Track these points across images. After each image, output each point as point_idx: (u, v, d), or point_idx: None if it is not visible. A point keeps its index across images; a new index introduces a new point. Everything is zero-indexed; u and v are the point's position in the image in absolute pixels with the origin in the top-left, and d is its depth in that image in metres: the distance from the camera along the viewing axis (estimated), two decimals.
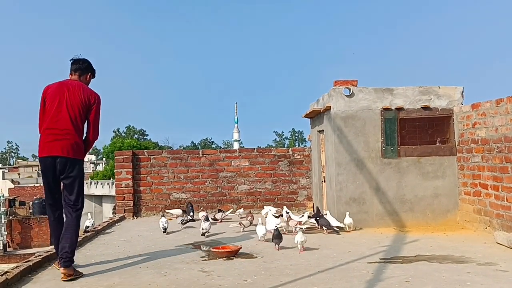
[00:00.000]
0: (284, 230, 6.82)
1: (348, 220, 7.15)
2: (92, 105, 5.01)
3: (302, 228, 6.24)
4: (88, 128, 5.08)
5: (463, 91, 7.69)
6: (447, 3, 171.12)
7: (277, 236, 5.91)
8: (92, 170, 69.92)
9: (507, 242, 5.75)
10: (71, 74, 5.19)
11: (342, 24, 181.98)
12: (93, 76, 5.33)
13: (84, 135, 5.10)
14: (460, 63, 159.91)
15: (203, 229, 6.99)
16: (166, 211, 9.17)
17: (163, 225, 7.44)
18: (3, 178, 58.60)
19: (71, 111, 4.89)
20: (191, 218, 8.19)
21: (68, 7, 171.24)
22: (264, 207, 8.82)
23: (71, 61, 5.21)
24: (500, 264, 4.99)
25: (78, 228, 5.05)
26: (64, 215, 5.02)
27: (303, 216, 7.46)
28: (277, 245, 5.89)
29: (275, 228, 6.06)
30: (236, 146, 60.70)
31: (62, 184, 5.03)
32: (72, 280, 4.74)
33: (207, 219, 7.15)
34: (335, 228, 6.97)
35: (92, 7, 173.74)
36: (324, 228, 6.99)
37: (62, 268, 4.76)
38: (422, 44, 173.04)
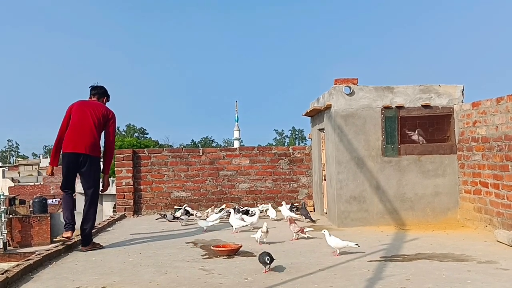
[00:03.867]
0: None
1: None
2: (110, 119, 6.29)
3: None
4: (108, 136, 6.29)
5: (463, 90, 7.69)
6: (448, 1, 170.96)
7: (264, 257, 4.75)
8: None
9: (508, 240, 5.75)
10: (90, 97, 6.44)
11: (342, 22, 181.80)
12: (108, 100, 6.55)
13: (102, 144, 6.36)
14: (461, 62, 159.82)
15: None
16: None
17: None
18: (3, 177, 58.54)
19: (95, 119, 6.13)
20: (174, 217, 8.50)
21: (68, 7, 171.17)
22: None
23: (90, 87, 6.46)
24: (501, 262, 4.99)
25: (96, 213, 6.26)
26: (84, 202, 6.21)
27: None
28: (267, 267, 4.78)
29: (265, 253, 4.79)
30: (236, 144, 60.56)
31: (80, 174, 6.15)
32: (92, 250, 6.05)
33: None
34: (312, 218, 7.89)
35: (93, 6, 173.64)
36: (304, 218, 7.90)
37: (81, 246, 6.15)
38: (423, 43, 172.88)
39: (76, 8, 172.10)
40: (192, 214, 8.44)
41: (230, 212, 7.58)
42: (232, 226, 7.21)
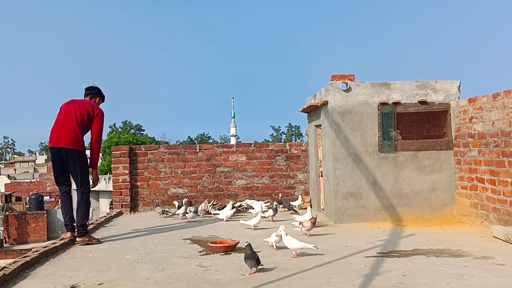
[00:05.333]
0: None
1: None
2: (95, 116, 6.40)
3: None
4: (92, 132, 6.41)
5: (460, 86, 7.69)
6: None
7: (250, 256, 4.59)
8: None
9: (504, 236, 5.77)
10: (84, 98, 6.63)
11: (339, 19, 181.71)
12: (102, 101, 6.76)
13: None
14: (458, 58, 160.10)
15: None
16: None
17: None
18: (0, 174, 58.41)
19: (78, 116, 6.30)
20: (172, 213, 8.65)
21: (62, 4, 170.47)
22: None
23: (85, 88, 6.66)
24: (497, 257, 5.01)
25: (88, 205, 6.51)
26: (76, 195, 6.30)
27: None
28: (253, 268, 4.61)
29: (247, 243, 4.69)
30: (233, 141, 60.60)
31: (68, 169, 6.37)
32: (87, 244, 6.18)
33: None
34: (294, 209, 8.28)
35: (86, 4, 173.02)
36: (286, 209, 8.41)
37: (77, 237, 6.28)
38: (419, 39, 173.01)
39: (72, 5, 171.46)
40: (197, 211, 8.39)
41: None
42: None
